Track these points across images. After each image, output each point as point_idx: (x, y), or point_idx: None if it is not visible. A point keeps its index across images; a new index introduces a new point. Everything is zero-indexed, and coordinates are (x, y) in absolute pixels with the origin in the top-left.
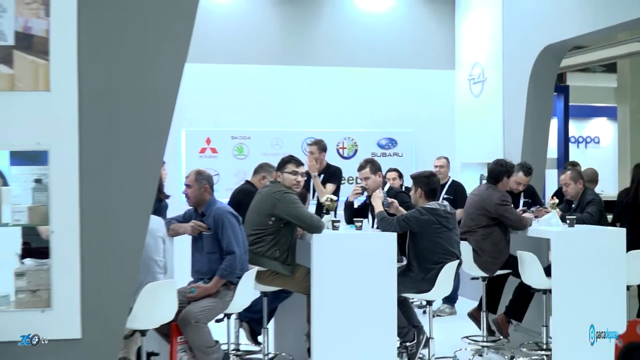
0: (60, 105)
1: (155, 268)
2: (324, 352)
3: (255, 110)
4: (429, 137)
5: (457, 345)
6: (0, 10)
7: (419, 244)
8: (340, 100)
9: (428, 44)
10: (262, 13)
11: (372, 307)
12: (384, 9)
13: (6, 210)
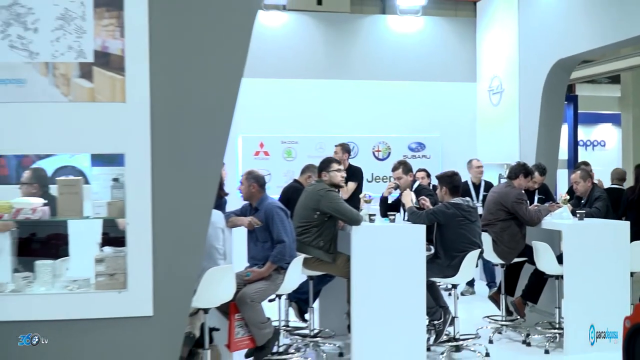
0: (135, 115)
1: (216, 255)
2: (362, 328)
3: (302, 118)
4: (453, 141)
5: (479, 324)
6: (81, 32)
7: (444, 234)
8: (376, 109)
9: (452, 59)
10: (308, 34)
11: (404, 289)
12: (414, 30)
13: (88, 205)
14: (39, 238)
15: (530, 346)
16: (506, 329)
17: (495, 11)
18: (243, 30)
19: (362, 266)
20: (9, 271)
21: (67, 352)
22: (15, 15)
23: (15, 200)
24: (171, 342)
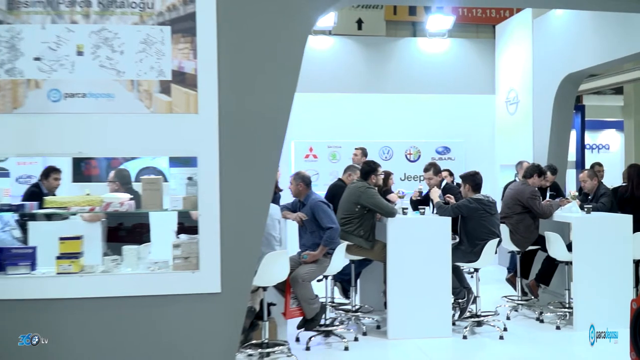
0: (205, 124)
1: (273, 242)
2: (396, 305)
3: (345, 126)
4: (475, 146)
5: (498, 302)
6: (161, 54)
7: (468, 225)
8: (407, 118)
9: (474, 75)
10: (350, 55)
11: (432, 272)
12: (441, 50)
13: (167, 199)
14: (126, 227)
15: (543, 323)
16: (522, 307)
17: (512, 32)
18: (296, 52)
19: (397, 252)
20: (100, 255)
21: (149, 323)
22: (104, 39)
23: (106, 195)
24: (236, 315)
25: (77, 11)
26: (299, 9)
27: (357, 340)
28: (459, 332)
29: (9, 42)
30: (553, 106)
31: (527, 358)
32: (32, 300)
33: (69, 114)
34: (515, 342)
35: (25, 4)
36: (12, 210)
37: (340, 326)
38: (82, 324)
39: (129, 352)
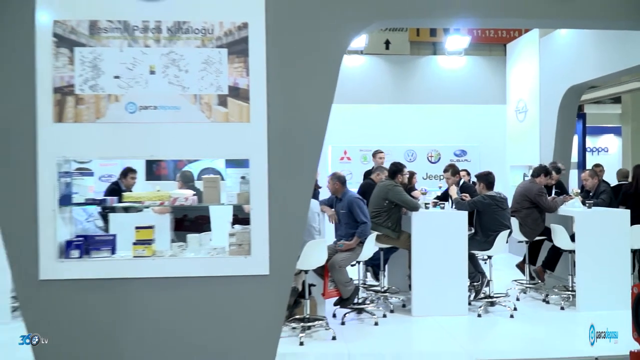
0: (256, 131)
1: (314, 232)
2: (419, 286)
3: (374, 132)
4: (488, 149)
5: (508, 285)
6: (219, 73)
7: (482, 218)
8: (429, 124)
9: (487, 87)
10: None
11: (451, 258)
12: (458, 66)
13: (224, 195)
14: (189, 218)
15: (549, 304)
16: (530, 290)
17: (521, 50)
18: (333, 69)
19: (420, 241)
20: (168, 241)
21: (208, 299)
22: (172, 60)
23: (173, 192)
24: (281, 294)
25: (150, 37)
26: (336, 32)
27: (385, 317)
28: (474, 311)
29: (92, 63)
30: (558, 114)
31: (535, 334)
32: (112, 279)
33: (142, 123)
34: (524, 320)
35: (105, 30)
36: (96, 204)
37: (371, 304)
38: (153, 299)
39: (191, 323)
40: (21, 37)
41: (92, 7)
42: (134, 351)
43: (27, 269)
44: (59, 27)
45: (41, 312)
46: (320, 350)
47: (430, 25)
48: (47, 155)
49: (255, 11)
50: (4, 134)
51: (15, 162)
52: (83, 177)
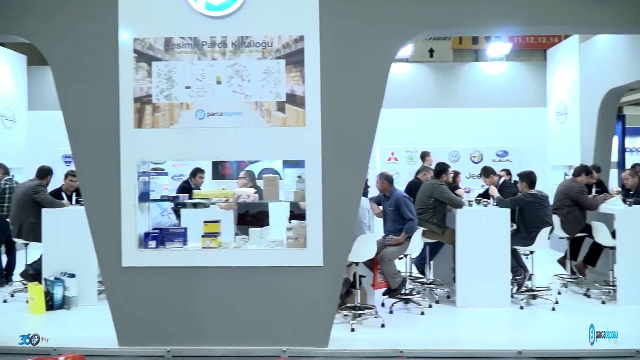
0: (311, 134)
1: (364, 227)
2: (464, 279)
3: (420, 134)
4: (529, 149)
5: (550, 280)
6: (278, 82)
7: (524, 216)
8: (472, 127)
9: (527, 91)
10: (424, 77)
11: (494, 253)
12: (499, 71)
13: (282, 193)
14: (251, 214)
15: (590, 298)
16: (571, 284)
17: (562, 55)
18: (382, 77)
19: (464, 236)
20: (233, 235)
21: (268, 287)
22: (236, 71)
23: (237, 190)
24: (334, 284)
25: (217, 51)
26: (385, 43)
27: (431, 307)
28: (517, 304)
29: (167, 75)
30: (598, 116)
31: (576, 327)
32: (184, 268)
33: (210, 128)
34: (565, 313)
35: (178, 46)
36: (169, 200)
37: (418, 295)
38: (219, 286)
39: (253, 309)
40: (107, 53)
41: (167, 26)
42: (202, 331)
43: (111, 257)
44: (138, 44)
45: (124, 296)
46: (370, 337)
47: (474, 34)
48: (129, 157)
49: (311, 25)
50: (94, 139)
51: (102, 163)
52: (159, 176)
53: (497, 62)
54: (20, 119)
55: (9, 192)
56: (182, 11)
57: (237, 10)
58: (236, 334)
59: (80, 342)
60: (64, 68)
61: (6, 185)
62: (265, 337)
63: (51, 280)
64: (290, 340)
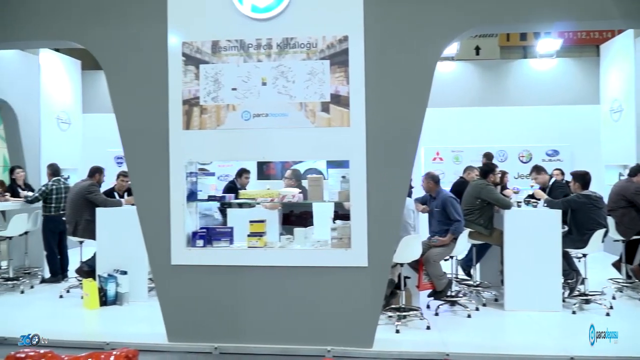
0: (356, 135)
1: (409, 228)
2: (512, 282)
3: (465, 134)
4: (580, 148)
5: (604, 284)
6: (322, 82)
7: (577, 217)
8: (520, 125)
9: (579, 88)
10: (469, 75)
11: (544, 255)
12: (549, 67)
13: (326, 193)
14: (295, 214)
15: None
16: (626, 289)
17: (616, 51)
18: (427, 76)
19: (513, 238)
20: (277, 234)
21: (313, 286)
22: (281, 72)
23: (282, 190)
24: (379, 284)
25: (262, 52)
26: (430, 41)
27: (478, 310)
28: (569, 308)
29: (214, 77)
30: None
31: (632, 333)
32: (230, 266)
33: (255, 129)
34: (621, 318)
35: (225, 48)
36: (216, 200)
37: (464, 298)
38: (265, 284)
39: (297, 307)
40: (156, 57)
41: (214, 29)
42: (248, 328)
43: (161, 255)
44: (186, 47)
45: (172, 292)
46: (415, 338)
47: (523, 30)
48: (177, 158)
49: (355, 25)
50: (144, 140)
51: (152, 164)
52: (206, 176)
53: (547, 58)
54: (75, 121)
55: (57, 192)
56: (228, 14)
57: (281, 12)
58: (281, 333)
59: (131, 336)
60: (116, 72)
61: (53, 185)
62: (309, 337)
63: (104, 276)
64: (334, 340)
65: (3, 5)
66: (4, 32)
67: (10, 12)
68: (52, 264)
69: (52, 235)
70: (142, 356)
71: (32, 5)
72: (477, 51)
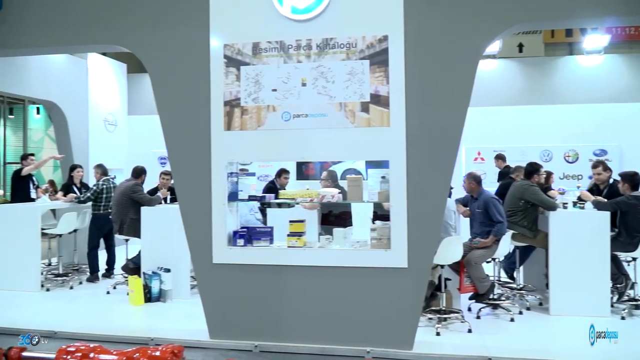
0: (395, 135)
1: (450, 229)
2: (558, 286)
3: (508, 133)
4: (630, 147)
5: None
6: (362, 82)
7: (626, 219)
8: (565, 124)
9: (628, 85)
10: (513, 73)
11: (592, 259)
12: (596, 64)
13: (365, 193)
14: (335, 214)
15: None
16: None
17: None
18: (468, 75)
19: (558, 240)
20: (317, 234)
21: (352, 287)
22: (320, 73)
23: (321, 190)
24: (419, 286)
25: (302, 53)
26: (472, 39)
27: (521, 314)
28: (617, 314)
29: (254, 79)
30: None
31: None
32: (270, 265)
33: (295, 129)
34: None
35: (265, 50)
36: (256, 200)
37: (507, 301)
38: (304, 284)
39: (337, 307)
40: (199, 59)
41: (255, 31)
42: (288, 327)
43: (203, 253)
44: (228, 49)
45: (214, 291)
46: (456, 342)
47: (568, 26)
48: (219, 159)
49: (395, 24)
50: (187, 141)
51: (195, 164)
52: (246, 177)
53: (594, 55)
54: (121, 123)
55: (106, 191)
56: (268, 16)
57: (321, 13)
58: (320, 332)
59: (174, 333)
60: (161, 75)
61: (103, 185)
62: (349, 337)
63: (149, 274)
64: (374, 341)
65: (55, 12)
66: (55, 37)
67: (61, 18)
68: (92, 262)
69: (98, 233)
70: (186, 352)
71: (82, 12)
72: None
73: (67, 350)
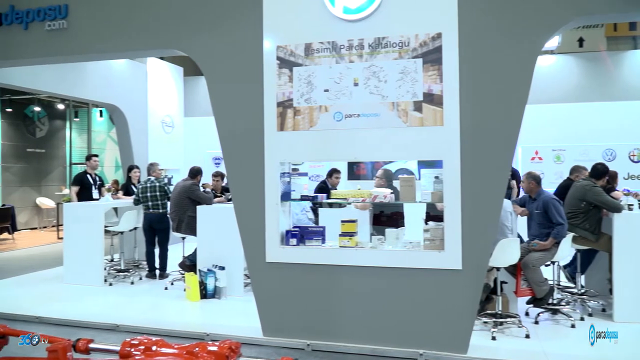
0: (449, 134)
1: (506, 230)
2: (623, 291)
3: (567, 131)
4: None
5: None
6: (414, 81)
7: None
8: (631, 122)
9: None
10: (573, 69)
11: None
12: None
13: (418, 194)
14: (386, 214)
15: None
16: None
17: None
18: (526, 72)
19: (623, 244)
20: (369, 234)
21: (405, 288)
22: (373, 72)
23: (374, 190)
24: (474, 289)
25: (354, 53)
26: (529, 35)
27: (582, 320)
28: None
29: (307, 79)
30: None
31: None
32: (322, 265)
33: (347, 130)
34: None
35: (317, 50)
36: (308, 199)
37: (567, 306)
38: (356, 284)
39: (389, 308)
40: (252, 61)
41: (307, 32)
42: (339, 327)
43: (256, 252)
44: (280, 51)
45: (267, 289)
46: (513, 347)
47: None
48: (272, 159)
49: (449, 21)
50: (241, 141)
51: (249, 164)
52: (299, 177)
53: None
54: (177, 124)
55: (142, 191)
56: (320, 17)
57: (373, 12)
58: (372, 333)
59: (229, 329)
60: (216, 77)
61: (140, 185)
62: (401, 339)
63: (204, 271)
64: (427, 344)
65: (116, 20)
66: (117, 43)
67: (122, 25)
68: (148, 260)
69: (144, 231)
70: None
71: (140, 19)
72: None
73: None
